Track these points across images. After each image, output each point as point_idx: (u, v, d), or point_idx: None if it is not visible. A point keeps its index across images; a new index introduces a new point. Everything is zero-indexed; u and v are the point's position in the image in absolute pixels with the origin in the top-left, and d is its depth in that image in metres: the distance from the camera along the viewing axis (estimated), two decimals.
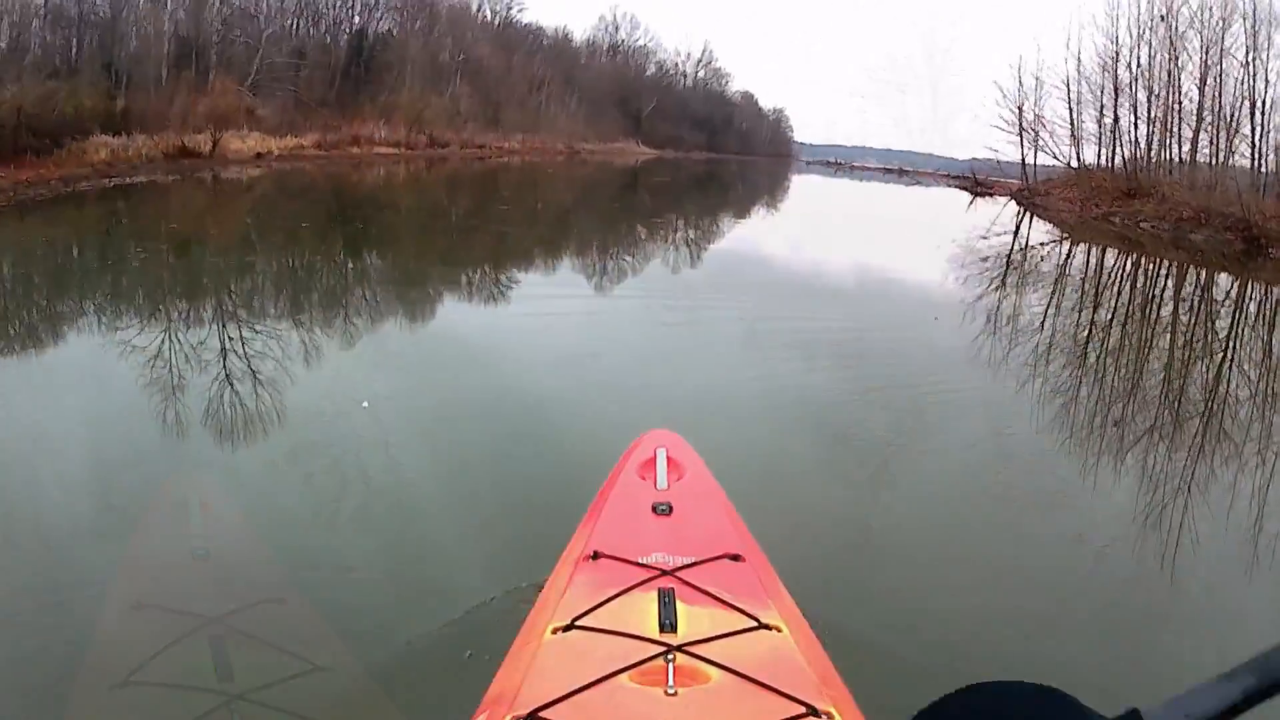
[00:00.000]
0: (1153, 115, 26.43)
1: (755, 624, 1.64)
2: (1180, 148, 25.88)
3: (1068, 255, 17.77)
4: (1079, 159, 30.48)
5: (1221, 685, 0.63)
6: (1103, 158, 29.37)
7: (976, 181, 41.00)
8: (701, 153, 63.60)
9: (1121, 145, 28.18)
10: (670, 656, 1.48)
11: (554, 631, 1.66)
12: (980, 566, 3.45)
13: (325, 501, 3.46)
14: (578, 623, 1.65)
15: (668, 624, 1.60)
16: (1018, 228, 23.29)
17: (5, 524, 3.11)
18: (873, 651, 2.48)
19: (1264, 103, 21.91)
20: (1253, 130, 22.26)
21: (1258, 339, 9.57)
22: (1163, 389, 6.92)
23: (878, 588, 3.12)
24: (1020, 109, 32.60)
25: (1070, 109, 30.18)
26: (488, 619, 2.54)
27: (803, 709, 1.38)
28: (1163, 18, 25.87)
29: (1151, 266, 16.53)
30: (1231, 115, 23.43)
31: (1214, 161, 23.35)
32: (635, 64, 60.61)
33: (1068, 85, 30.26)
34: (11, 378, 5.14)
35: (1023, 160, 33.64)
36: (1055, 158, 31.70)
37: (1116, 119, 28.21)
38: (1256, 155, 21.77)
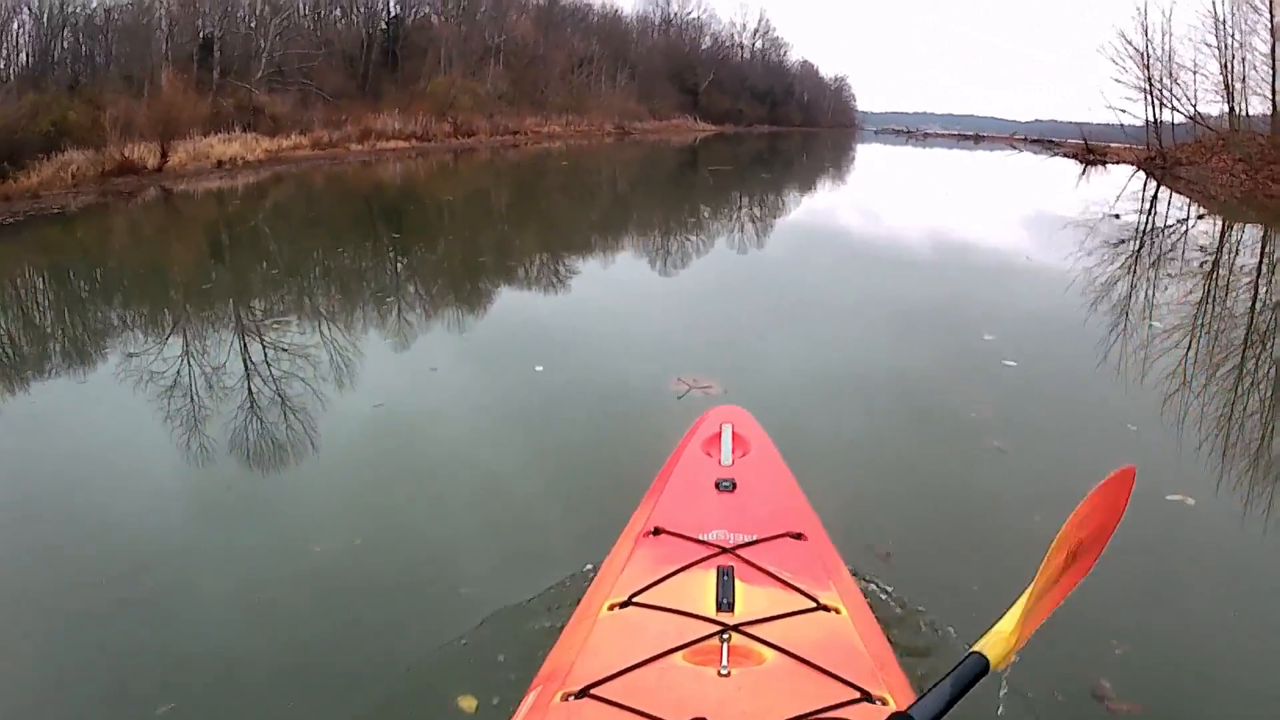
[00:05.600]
0: None
1: (814, 605, 1.61)
2: None
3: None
4: (1232, 115, 23.94)
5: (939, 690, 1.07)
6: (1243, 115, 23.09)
7: (1088, 148, 35.13)
8: (763, 126, 60.58)
9: None
10: (725, 636, 1.46)
11: (610, 608, 1.64)
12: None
13: (397, 489, 3.48)
14: (635, 599, 1.63)
15: (725, 603, 1.57)
16: (1156, 207, 17.67)
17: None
18: (934, 638, 2.36)
19: None
20: None
21: None
22: None
23: (946, 574, 2.78)
24: (1147, 58, 26.77)
25: (1221, 52, 23.89)
26: (550, 596, 2.49)
27: (857, 694, 1.34)
28: None
29: None
30: None
31: None
32: (689, 38, 57.47)
33: (1216, 22, 23.64)
34: None
35: (1154, 119, 27.16)
36: (1194, 119, 25.52)
37: (1276, 70, 21.70)
38: None
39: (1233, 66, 23.75)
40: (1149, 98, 26.93)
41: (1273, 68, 22.12)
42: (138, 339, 5.87)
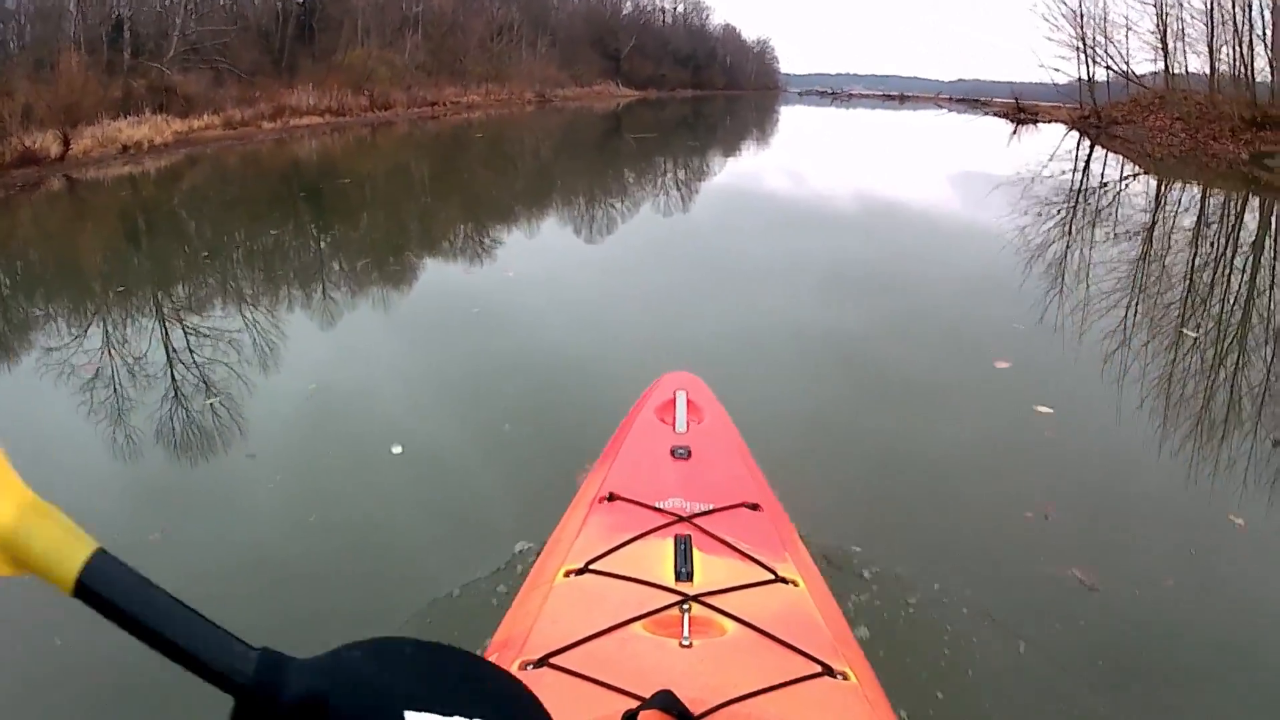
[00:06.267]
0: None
1: (772, 577, 1.60)
2: None
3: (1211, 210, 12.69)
4: (1168, 74, 23.93)
5: None
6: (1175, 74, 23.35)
7: (1019, 107, 35.41)
8: (686, 90, 60.57)
9: (1230, 60, 21.13)
10: (686, 606, 1.45)
11: (566, 574, 1.62)
12: (1028, 546, 2.94)
13: (349, 459, 3.58)
14: (591, 566, 1.61)
15: (684, 572, 1.55)
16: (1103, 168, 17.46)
17: None
18: (888, 611, 2.42)
19: None
20: None
21: None
22: None
23: (898, 545, 2.82)
24: (1080, 16, 27.03)
25: (1157, 9, 23.77)
26: (502, 562, 2.57)
27: (819, 668, 1.34)
28: None
29: None
30: None
31: None
32: (610, 3, 57.12)
33: None
34: None
35: (1087, 78, 27.28)
36: (1127, 77, 25.59)
37: (1212, 27, 21.65)
38: None
39: (1168, 24, 23.88)
40: (1082, 56, 27.21)
41: (1209, 25, 22.19)
42: (62, 333, 5.83)
